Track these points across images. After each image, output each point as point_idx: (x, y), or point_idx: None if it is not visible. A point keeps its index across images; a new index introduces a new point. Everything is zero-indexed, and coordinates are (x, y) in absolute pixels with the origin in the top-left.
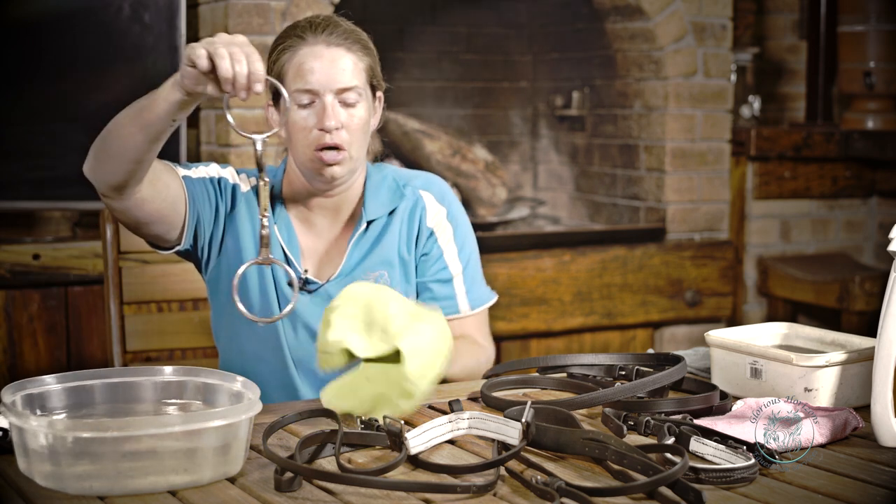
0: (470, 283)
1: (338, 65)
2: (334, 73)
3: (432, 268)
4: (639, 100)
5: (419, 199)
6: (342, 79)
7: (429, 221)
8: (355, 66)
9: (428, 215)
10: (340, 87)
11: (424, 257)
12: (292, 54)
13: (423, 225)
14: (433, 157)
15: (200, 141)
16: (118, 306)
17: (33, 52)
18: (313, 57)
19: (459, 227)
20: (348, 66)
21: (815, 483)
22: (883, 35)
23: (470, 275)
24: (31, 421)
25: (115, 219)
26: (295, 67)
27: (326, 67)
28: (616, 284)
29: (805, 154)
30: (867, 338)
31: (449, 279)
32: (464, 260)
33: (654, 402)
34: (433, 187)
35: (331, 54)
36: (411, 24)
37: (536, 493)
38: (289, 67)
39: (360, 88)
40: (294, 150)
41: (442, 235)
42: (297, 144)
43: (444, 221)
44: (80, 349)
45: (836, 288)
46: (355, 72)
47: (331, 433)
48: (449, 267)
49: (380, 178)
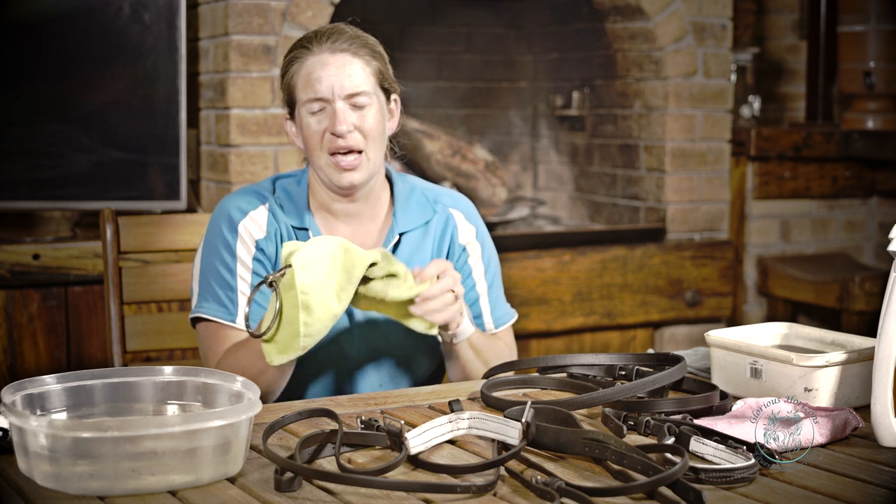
0: (494, 301)
1: (344, 70)
2: (341, 79)
3: (463, 286)
4: (639, 100)
5: (450, 217)
6: (350, 83)
7: (461, 239)
8: (363, 70)
9: (459, 233)
10: (349, 92)
11: None
12: (300, 66)
13: (454, 241)
14: (433, 157)
15: (200, 141)
16: (118, 306)
17: (33, 52)
18: (320, 65)
19: (486, 246)
20: (355, 70)
21: (815, 483)
22: (883, 35)
23: (494, 294)
24: (31, 421)
25: (115, 218)
26: (304, 78)
27: (333, 74)
28: (616, 284)
29: (805, 154)
30: (867, 338)
31: (476, 299)
32: (489, 279)
33: (654, 402)
34: (461, 206)
35: (337, 61)
36: (411, 24)
37: (536, 493)
38: (297, 79)
39: (369, 92)
40: (312, 158)
41: (473, 254)
42: (313, 151)
43: (473, 240)
44: (80, 349)
45: (836, 288)
46: (363, 76)
47: (331, 433)
48: (476, 286)
49: (407, 189)
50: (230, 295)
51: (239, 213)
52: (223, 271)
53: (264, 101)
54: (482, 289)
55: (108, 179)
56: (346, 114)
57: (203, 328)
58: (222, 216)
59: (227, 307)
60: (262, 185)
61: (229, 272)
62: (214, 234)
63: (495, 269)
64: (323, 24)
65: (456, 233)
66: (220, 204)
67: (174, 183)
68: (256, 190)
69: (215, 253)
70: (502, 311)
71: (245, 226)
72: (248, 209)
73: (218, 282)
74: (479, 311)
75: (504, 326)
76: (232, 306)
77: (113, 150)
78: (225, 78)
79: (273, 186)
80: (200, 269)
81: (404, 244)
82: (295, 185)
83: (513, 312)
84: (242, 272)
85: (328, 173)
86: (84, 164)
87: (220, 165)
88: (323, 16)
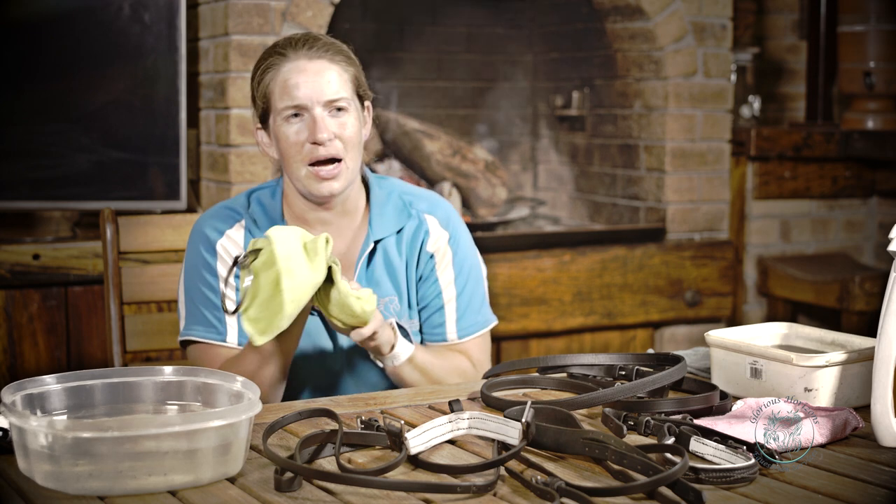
0: (463, 310)
1: (323, 77)
2: (320, 86)
3: (427, 293)
4: (639, 100)
5: (422, 223)
6: (329, 90)
7: (429, 246)
8: (340, 76)
9: (430, 240)
10: (328, 99)
11: (421, 282)
12: (275, 72)
13: (423, 249)
14: (433, 157)
15: (200, 141)
16: (118, 306)
17: (33, 52)
18: (297, 71)
19: (460, 252)
20: (333, 77)
21: (815, 483)
22: (883, 35)
23: (465, 302)
24: (31, 421)
25: (115, 219)
26: (280, 85)
27: (311, 80)
28: (616, 284)
29: (805, 154)
30: (867, 338)
31: (440, 307)
32: (459, 286)
33: (654, 402)
34: (438, 211)
35: (314, 67)
36: (411, 24)
37: (536, 493)
38: (274, 86)
39: (347, 98)
40: (288, 168)
41: (441, 261)
42: (291, 162)
43: (444, 246)
44: (80, 349)
45: (836, 288)
46: (341, 82)
47: (331, 433)
48: (443, 293)
49: (384, 194)
50: (216, 314)
51: (215, 232)
52: (207, 292)
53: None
54: (449, 296)
55: (108, 179)
56: (326, 121)
57: (193, 350)
58: (200, 237)
59: (215, 327)
60: (237, 202)
61: (213, 292)
62: (194, 256)
63: (469, 275)
64: (297, 32)
65: (427, 239)
66: (195, 225)
67: (174, 183)
68: (230, 206)
69: (197, 275)
70: (472, 321)
71: (223, 244)
72: (224, 228)
73: (203, 303)
74: (443, 319)
75: (471, 336)
76: (220, 325)
77: (113, 150)
78: (225, 78)
79: (248, 201)
80: (185, 291)
81: (379, 252)
82: (269, 197)
83: (487, 321)
84: (226, 291)
85: (306, 184)
86: (84, 164)
87: (220, 165)
88: (323, 16)
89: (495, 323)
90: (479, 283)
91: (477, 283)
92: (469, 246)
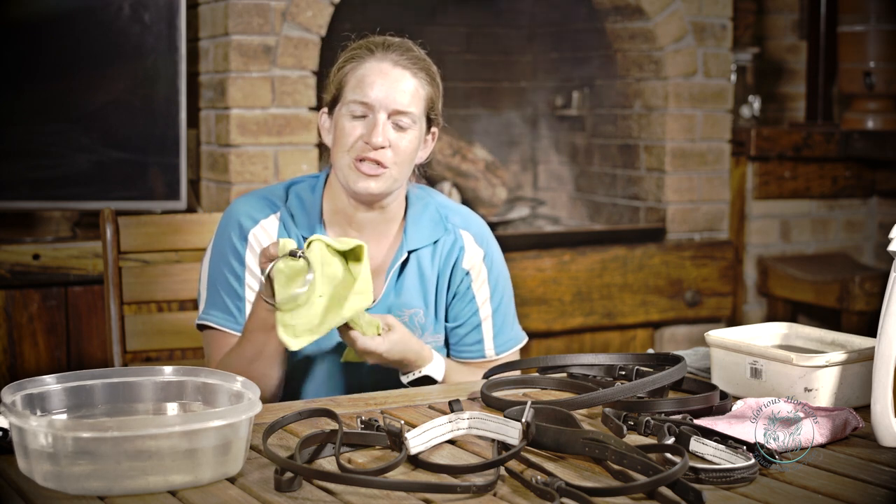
0: (500, 326)
1: (399, 85)
2: (393, 93)
3: (463, 311)
4: (639, 100)
5: (458, 238)
6: (400, 100)
7: (465, 263)
8: (416, 91)
9: (465, 256)
10: (396, 109)
11: (456, 299)
12: (357, 65)
13: (458, 266)
14: (433, 157)
15: (200, 141)
16: (118, 306)
17: (33, 52)
18: (377, 72)
19: (494, 269)
20: (409, 88)
21: (815, 483)
22: (883, 35)
23: (500, 319)
24: (31, 421)
25: (115, 219)
26: (357, 78)
27: (387, 85)
28: (616, 284)
29: (805, 154)
30: (867, 338)
31: (478, 324)
32: (495, 303)
33: (654, 402)
34: (472, 227)
35: (395, 74)
36: (411, 24)
37: (536, 493)
38: (351, 77)
39: (415, 115)
40: (335, 156)
41: (476, 278)
42: (340, 149)
43: (479, 263)
44: (80, 349)
45: (836, 288)
46: (415, 97)
47: (331, 433)
48: (479, 311)
49: (422, 206)
50: (237, 304)
51: (250, 220)
52: (231, 280)
53: (264, 101)
54: (485, 313)
55: (108, 179)
56: (385, 128)
57: (208, 335)
58: (232, 223)
59: (233, 315)
60: (275, 193)
61: (238, 281)
62: (223, 241)
63: (503, 292)
64: (385, 35)
65: (462, 255)
66: (229, 208)
67: (174, 183)
68: (268, 197)
69: (224, 260)
70: (508, 336)
71: (255, 234)
72: (259, 217)
73: (226, 290)
74: (481, 336)
75: (508, 352)
76: (239, 315)
77: (113, 150)
78: (225, 78)
79: (286, 194)
80: (209, 274)
81: (412, 262)
82: (309, 192)
83: (521, 336)
84: (251, 281)
85: (347, 174)
86: (84, 164)
87: (220, 165)
88: (323, 16)
89: (525, 340)
90: (511, 298)
91: (510, 299)
92: (501, 263)
